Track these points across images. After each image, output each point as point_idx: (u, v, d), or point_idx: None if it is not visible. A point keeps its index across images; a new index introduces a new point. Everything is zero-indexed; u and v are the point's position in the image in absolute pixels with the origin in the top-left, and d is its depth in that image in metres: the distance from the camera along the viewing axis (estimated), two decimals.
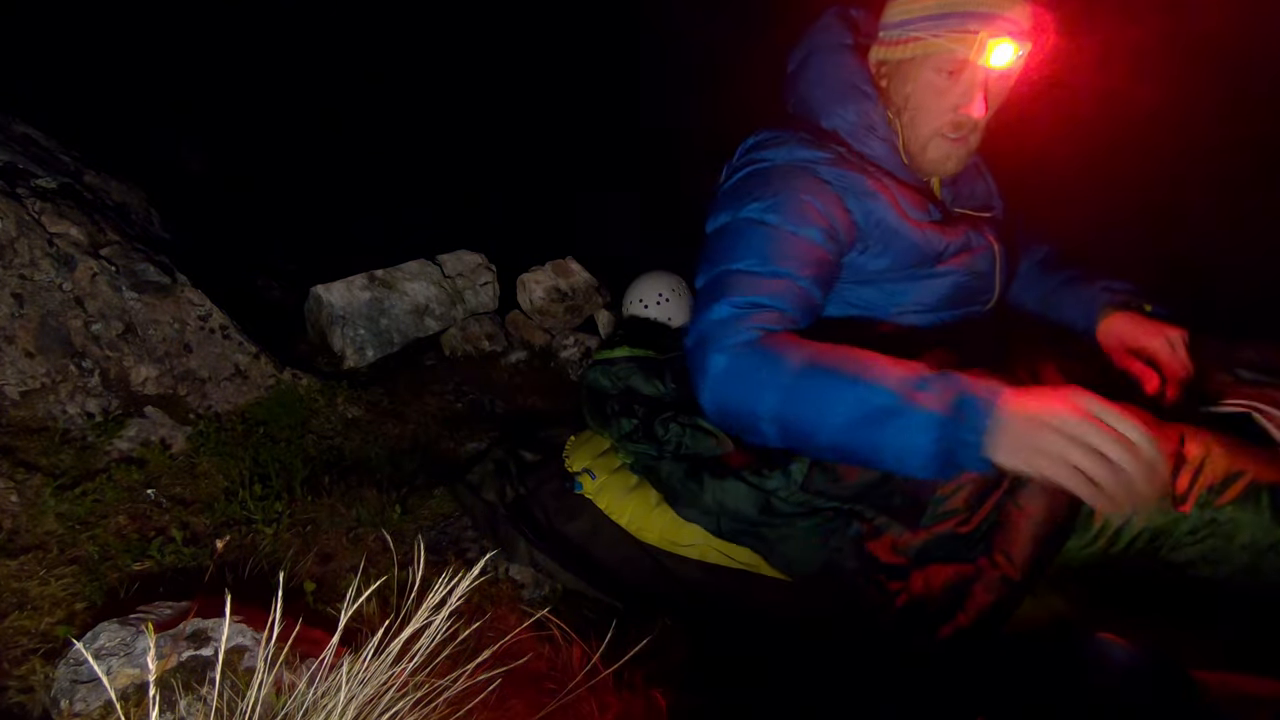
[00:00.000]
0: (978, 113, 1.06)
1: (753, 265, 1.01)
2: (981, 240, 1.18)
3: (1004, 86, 1.08)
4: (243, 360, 1.65)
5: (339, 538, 1.25)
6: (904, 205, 1.10)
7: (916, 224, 1.10)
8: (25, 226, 1.42)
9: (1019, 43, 1.02)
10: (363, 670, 0.68)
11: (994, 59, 1.02)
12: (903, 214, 1.09)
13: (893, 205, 1.09)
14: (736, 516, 1.07)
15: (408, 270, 2.17)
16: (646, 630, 1.00)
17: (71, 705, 0.75)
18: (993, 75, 1.05)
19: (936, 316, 1.17)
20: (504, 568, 1.18)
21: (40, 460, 1.27)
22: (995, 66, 1.03)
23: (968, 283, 1.16)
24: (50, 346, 1.40)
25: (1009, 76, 1.07)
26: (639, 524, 1.21)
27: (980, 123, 1.09)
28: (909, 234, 1.09)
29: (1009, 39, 1.01)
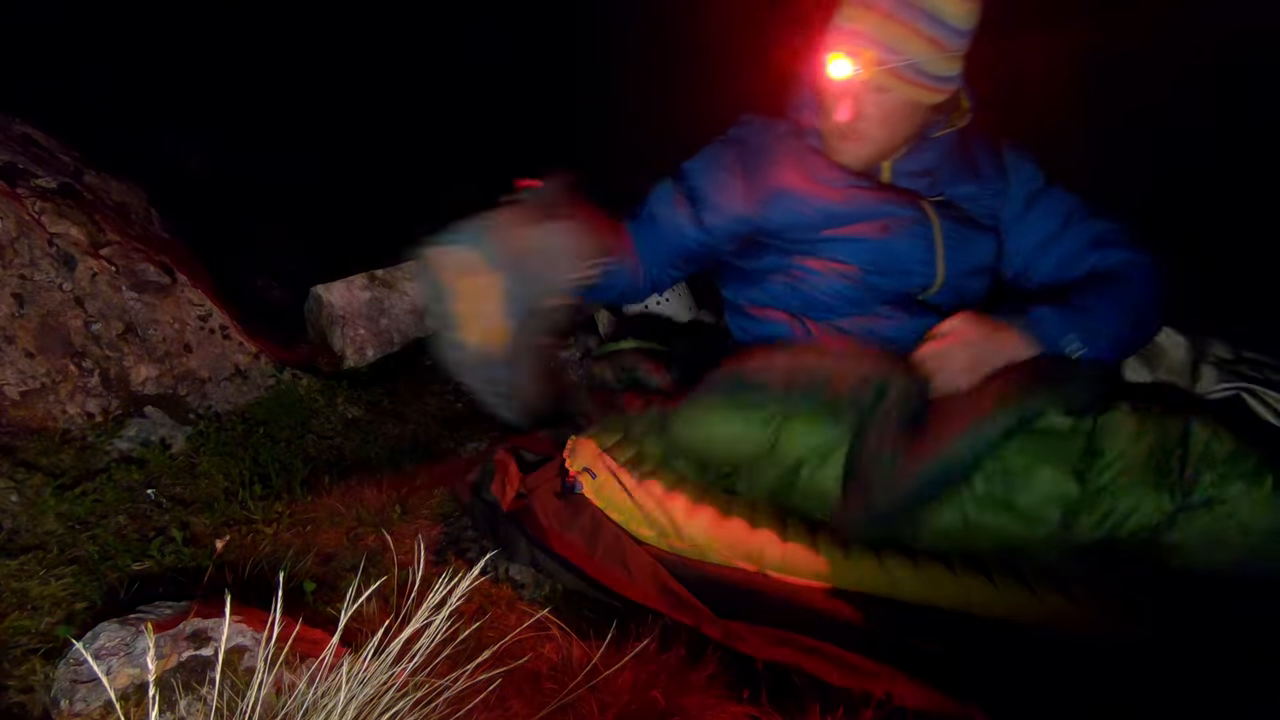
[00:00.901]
0: (841, 119, 1.18)
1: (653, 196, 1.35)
2: (911, 214, 1.23)
3: (875, 97, 1.16)
4: (243, 360, 1.66)
5: (339, 538, 1.25)
6: (816, 174, 1.25)
7: (825, 190, 1.24)
8: (25, 226, 1.42)
9: (854, 57, 1.11)
10: (363, 670, 0.68)
11: (832, 70, 1.14)
12: (811, 181, 1.24)
13: (802, 176, 1.25)
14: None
15: (408, 270, 2.17)
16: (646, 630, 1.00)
17: (71, 705, 0.75)
18: (851, 85, 1.15)
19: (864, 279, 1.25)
20: (504, 568, 1.18)
21: (40, 460, 1.27)
22: (835, 78, 1.15)
23: (883, 251, 1.24)
24: (50, 346, 1.40)
25: (874, 87, 1.14)
26: (636, 523, 1.21)
27: (851, 126, 1.19)
28: (810, 197, 1.24)
29: (842, 54, 1.12)
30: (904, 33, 1.09)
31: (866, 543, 1.17)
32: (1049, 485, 1.05)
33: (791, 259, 1.30)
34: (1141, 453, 1.02)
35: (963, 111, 1.26)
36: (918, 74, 1.12)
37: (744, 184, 1.29)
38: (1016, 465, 1.06)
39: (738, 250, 1.35)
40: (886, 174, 1.28)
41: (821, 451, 1.13)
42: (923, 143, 1.25)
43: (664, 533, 1.20)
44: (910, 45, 1.09)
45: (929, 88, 1.14)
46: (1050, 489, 1.05)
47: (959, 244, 1.26)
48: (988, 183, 1.29)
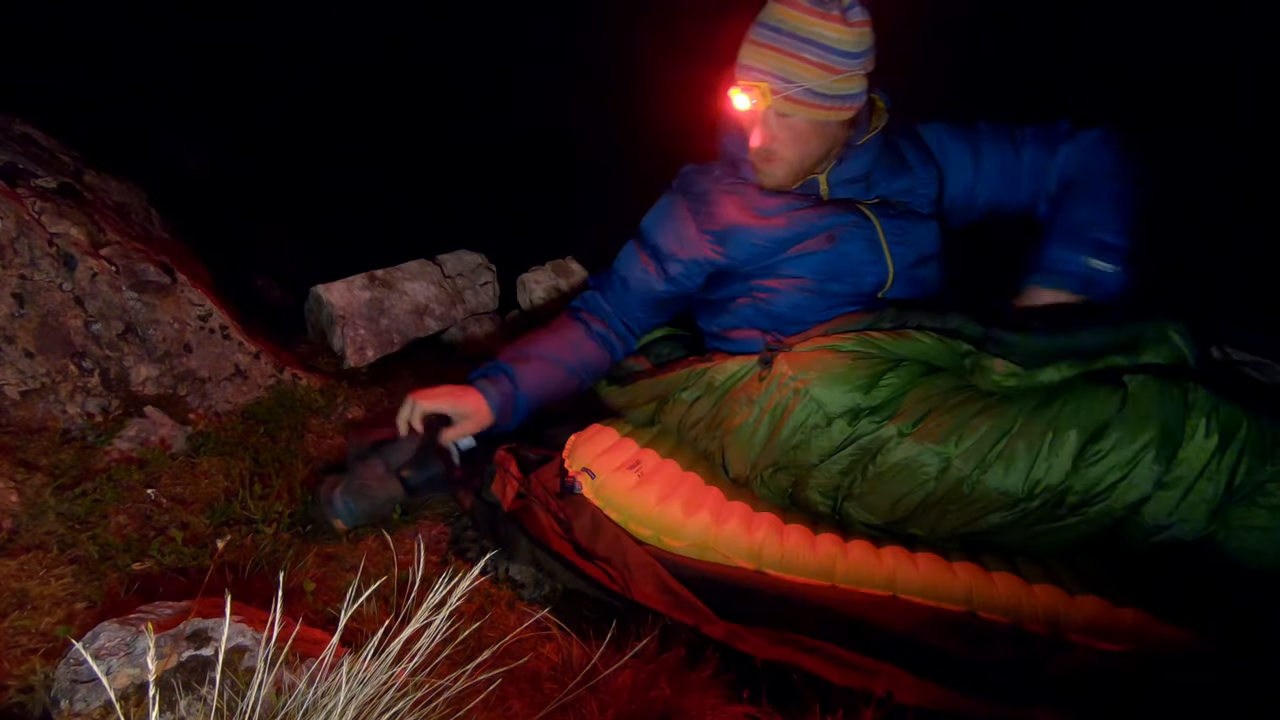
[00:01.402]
0: (754, 144, 1.30)
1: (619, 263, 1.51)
2: (851, 219, 1.34)
3: (780, 121, 1.27)
4: (243, 360, 1.65)
5: (339, 537, 1.25)
6: (755, 208, 1.37)
7: (766, 220, 1.35)
8: (25, 226, 1.42)
9: (749, 91, 1.23)
10: (363, 670, 0.68)
11: (736, 103, 1.26)
12: (752, 216, 1.36)
13: (743, 212, 1.37)
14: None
15: (408, 270, 2.17)
16: (646, 630, 1.00)
17: (71, 705, 0.75)
18: (755, 114, 1.27)
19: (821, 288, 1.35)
20: (504, 568, 1.18)
21: (40, 460, 1.27)
22: (740, 109, 1.27)
23: (834, 260, 1.34)
24: (50, 346, 1.40)
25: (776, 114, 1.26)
26: (635, 523, 1.22)
27: (766, 151, 1.30)
28: (757, 230, 1.36)
29: (739, 89, 1.24)
30: (792, 62, 1.20)
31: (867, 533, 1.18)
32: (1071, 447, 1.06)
33: (752, 283, 1.40)
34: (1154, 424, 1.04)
35: (879, 114, 1.37)
36: (814, 96, 1.22)
37: (696, 231, 1.41)
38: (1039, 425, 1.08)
39: (704, 286, 1.48)
40: (824, 186, 1.38)
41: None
42: (850, 151, 1.35)
43: (662, 532, 1.20)
44: (800, 72, 1.20)
45: (829, 108, 1.24)
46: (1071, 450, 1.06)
47: (901, 238, 1.35)
48: (919, 170, 1.40)
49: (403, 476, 1.31)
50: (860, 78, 1.24)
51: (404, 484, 1.31)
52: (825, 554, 1.14)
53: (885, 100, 1.37)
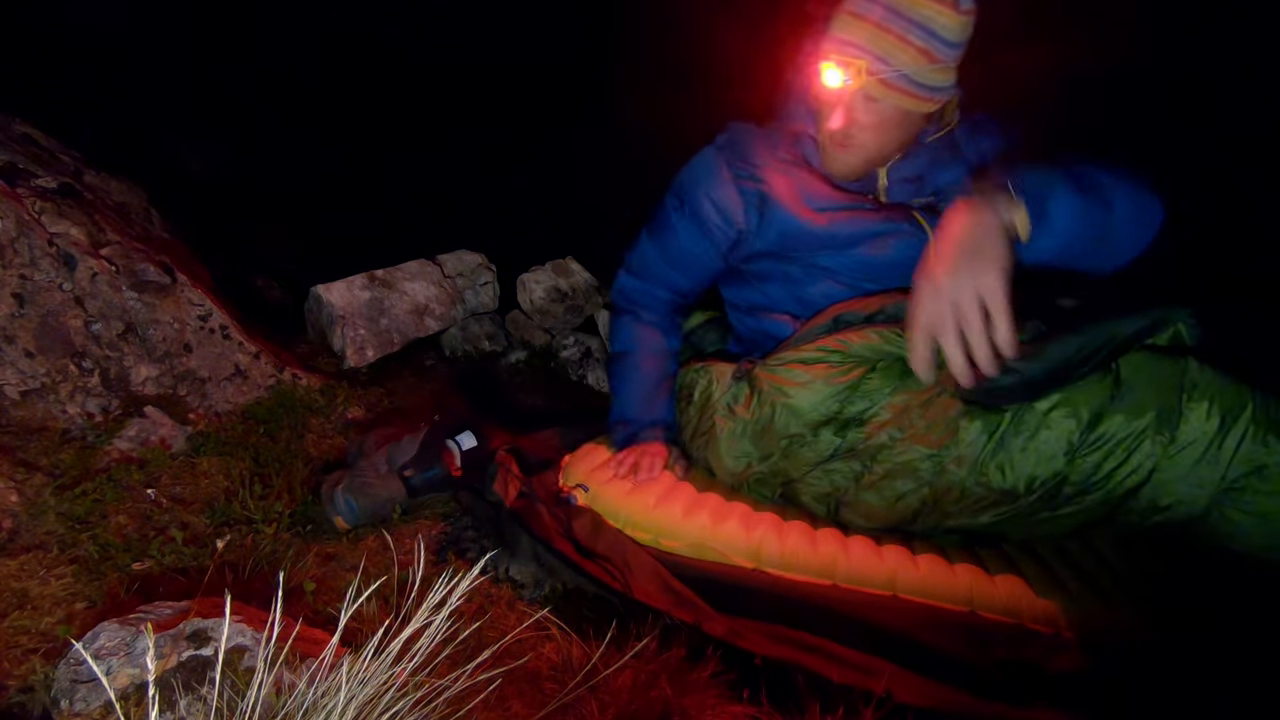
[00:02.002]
0: (834, 127, 1.20)
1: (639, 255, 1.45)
2: (906, 228, 1.25)
3: (868, 105, 1.17)
4: (243, 360, 1.66)
5: (339, 537, 1.25)
6: (805, 196, 1.27)
7: (811, 213, 1.26)
8: (25, 226, 1.42)
9: (845, 67, 1.13)
10: (363, 670, 0.68)
11: (826, 79, 1.16)
12: (800, 204, 1.27)
13: (793, 195, 1.27)
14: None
15: (408, 270, 2.17)
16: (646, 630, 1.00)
17: (71, 705, 0.75)
18: (844, 94, 1.17)
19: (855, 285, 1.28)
20: (504, 567, 1.18)
21: (40, 460, 1.27)
22: (829, 86, 1.17)
23: (880, 266, 1.26)
24: (50, 346, 1.40)
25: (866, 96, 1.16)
26: (633, 526, 1.22)
27: (845, 134, 1.20)
28: (804, 221, 1.26)
29: (834, 63, 1.14)
30: (895, 43, 1.10)
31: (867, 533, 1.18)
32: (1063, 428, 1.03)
33: (787, 265, 1.33)
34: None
35: (953, 109, 1.27)
36: (909, 83, 1.13)
37: (736, 196, 1.31)
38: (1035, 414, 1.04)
39: (740, 258, 1.39)
40: (883, 180, 1.29)
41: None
42: (916, 148, 1.26)
43: (660, 534, 1.20)
44: (901, 55, 1.10)
45: (920, 97, 1.15)
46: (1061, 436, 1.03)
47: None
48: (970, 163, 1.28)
49: (404, 476, 1.31)
50: (953, 70, 1.15)
51: (405, 483, 1.31)
52: (826, 553, 1.14)
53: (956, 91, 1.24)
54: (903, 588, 1.08)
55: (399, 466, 1.33)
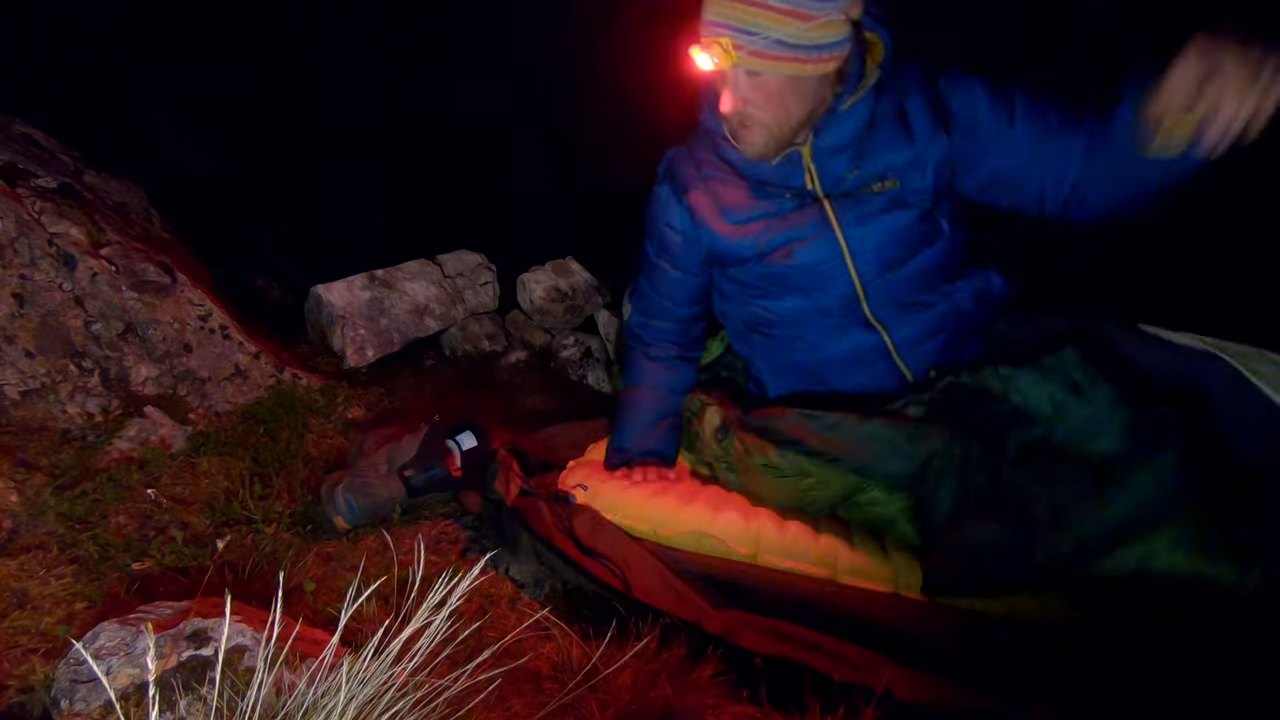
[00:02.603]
0: (725, 109, 1.15)
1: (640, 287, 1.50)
2: (811, 230, 1.21)
3: (751, 80, 1.11)
4: (243, 360, 1.66)
5: (339, 537, 1.25)
6: (721, 209, 1.29)
7: (727, 228, 1.28)
8: (25, 226, 1.42)
9: (709, 48, 1.08)
10: (363, 670, 0.68)
11: (698, 64, 1.12)
12: (716, 220, 1.29)
13: (710, 211, 1.30)
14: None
15: (408, 270, 2.17)
16: (646, 630, 1.00)
17: (71, 705, 0.75)
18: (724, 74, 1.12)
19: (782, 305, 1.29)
20: (504, 567, 1.18)
21: (40, 460, 1.27)
22: (705, 70, 1.12)
23: (792, 275, 1.25)
24: (50, 346, 1.40)
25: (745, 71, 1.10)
26: (631, 519, 1.22)
27: (740, 115, 1.15)
28: (716, 237, 1.29)
29: (699, 47, 1.10)
30: (758, 12, 1.04)
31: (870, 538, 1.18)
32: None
33: (729, 280, 1.37)
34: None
35: (875, 61, 1.18)
36: (784, 48, 1.06)
37: (686, 218, 1.35)
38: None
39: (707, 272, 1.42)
40: (807, 160, 1.21)
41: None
42: (834, 116, 1.17)
43: (658, 525, 1.20)
44: (766, 22, 1.04)
45: (803, 60, 1.07)
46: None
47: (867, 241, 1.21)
48: (926, 138, 1.19)
49: (405, 476, 1.31)
50: (841, 24, 1.06)
51: (406, 483, 1.31)
52: (827, 544, 1.14)
53: (886, 40, 1.15)
54: (904, 585, 1.08)
55: (399, 466, 1.33)
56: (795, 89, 1.11)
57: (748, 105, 1.14)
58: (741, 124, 1.17)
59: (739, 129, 1.19)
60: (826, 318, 1.26)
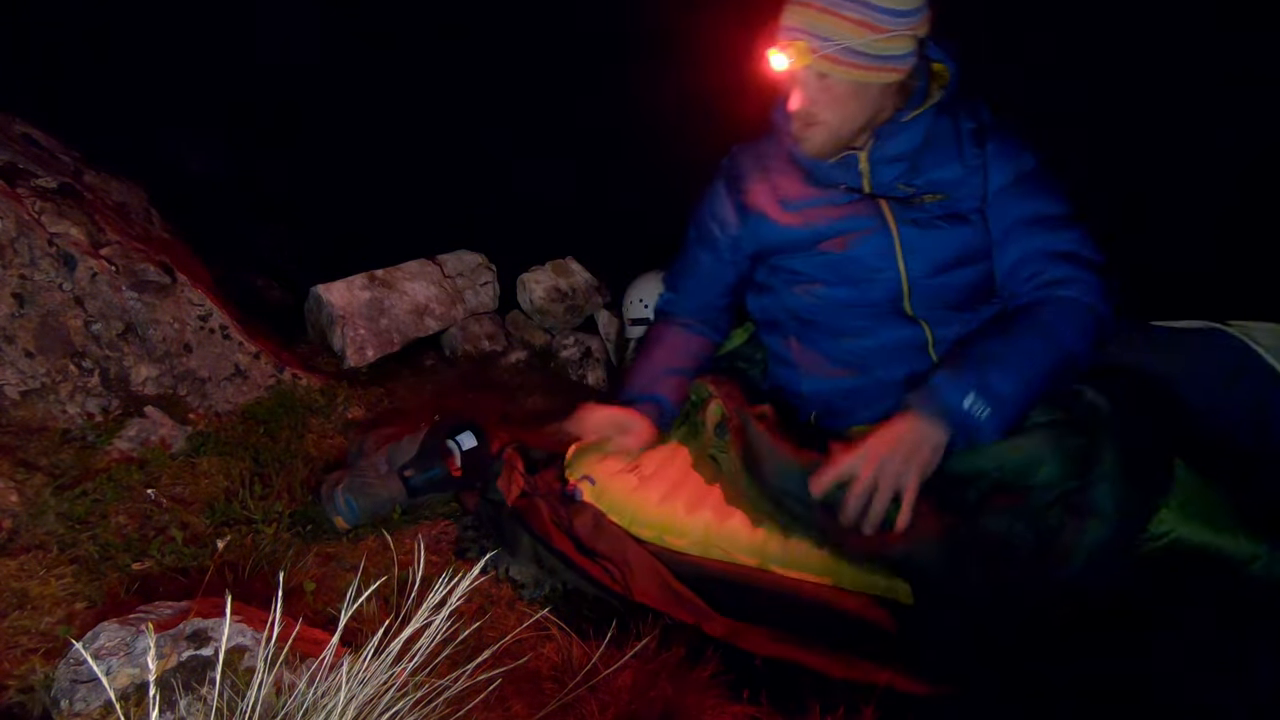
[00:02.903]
0: (792, 107, 1.26)
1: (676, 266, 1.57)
2: (869, 224, 1.28)
3: (820, 82, 1.22)
4: (243, 360, 1.66)
5: (339, 537, 1.25)
6: (780, 199, 1.36)
7: (785, 215, 1.35)
8: (25, 226, 1.42)
9: (785, 49, 1.20)
10: (363, 670, 0.68)
11: (773, 64, 1.23)
12: (776, 209, 1.36)
13: (769, 201, 1.37)
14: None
15: (408, 270, 2.17)
16: (647, 630, 1.00)
17: (71, 705, 0.75)
18: (795, 75, 1.23)
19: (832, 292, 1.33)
20: (504, 568, 1.18)
21: (40, 460, 1.27)
22: (777, 69, 1.23)
23: (842, 263, 1.30)
24: (50, 346, 1.41)
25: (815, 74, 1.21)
26: (638, 524, 1.21)
27: (805, 114, 1.25)
28: (773, 225, 1.36)
29: (776, 48, 1.21)
30: (832, 19, 1.16)
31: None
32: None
33: (773, 275, 1.41)
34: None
35: (939, 84, 1.28)
36: (855, 55, 1.17)
37: (732, 212, 1.43)
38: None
39: (743, 265, 1.48)
40: (863, 164, 1.31)
41: None
42: (894, 127, 1.27)
43: (664, 531, 1.20)
44: (840, 30, 1.16)
45: (870, 68, 1.18)
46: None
47: (922, 246, 1.27)
48: (971, 162, 1.28)
49: (405, 476, 1.31)
50: (907, 38, 1.17)
51: (406, 484, 1.31)
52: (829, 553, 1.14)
53: (952, 69, 1.27)
54: (905, 594, 1.08)
55: (399, 467, 1.33)
56: (859, 94, 1.22)
57: (814, 105, 1.24)
58: (806, 122, 1.27)
59: (803, 127, 1.28)
60: (872, 309, 1.31)
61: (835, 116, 1.24)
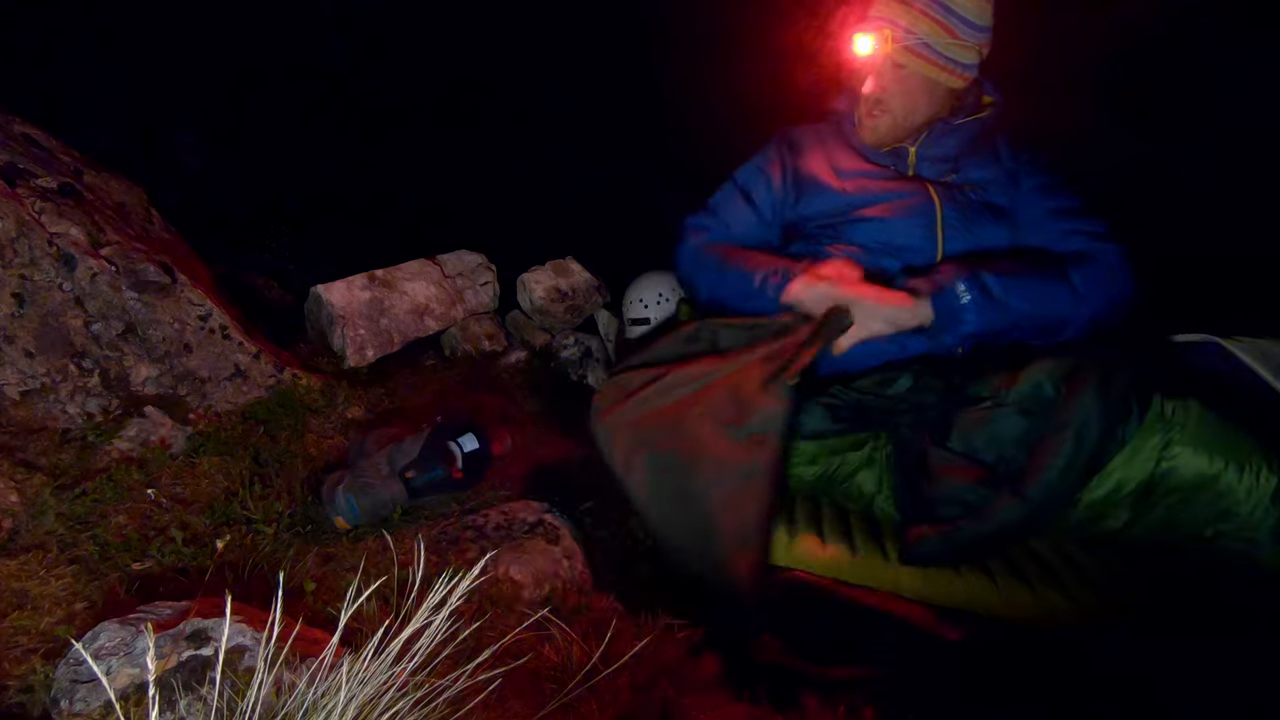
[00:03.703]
0: (868, 90, 1.38)
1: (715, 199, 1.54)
2: (915, 196, 1.36)
3: (896, 72, 1.34)
4: (243, 360, 1.66)
5: (339, 538, 1.25)
6: (836, 167, 1.43)
7: (837, 180, 1.41)
8: (25, 226, 1.42)
9: (873, 33, 1.31)
10: (363, 670, 0.68)
11: (858, 48, 1.35)
12: (831, 174, 1.42)
13: (824, 167, 1.43)
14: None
15: (408, 270, 2.17)
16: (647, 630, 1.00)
17: (71, 705, 0.75)
18: (874, 61, 1.34)
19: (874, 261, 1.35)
20: (504, 568, 1.18)
21: (40, 460, 1.27)
22: (860, 54, 1.35)
23: (884, 231, 1.36)
24: (50, 346, 1.40)
25: (894, 62, 1.33)
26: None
27: (875, 99, 1.37)
28: (830, 187, 1.41)
29: (862, 31, 1.33)
30: (918, 15, 1.29)
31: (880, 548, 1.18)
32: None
33: (815, 244, 1.43)
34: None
35: (985, 105, 1.42)
36: (932, 53, 1.31)
37: (781, 176, 1.48)
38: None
39: (783, 238, 1.50)
40: (912, 158, 1.42)
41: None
42: (944, 128, 1.40)
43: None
44: (923, 26, 1.29)
45: (943, 68, 1.32)
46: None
47: (962, 225, 1.35)
48: (1007, 165, 1.41)
49: (406, 477, 1.31)
50: (975, 50, 1.32)
51: (407, 485, 1.31)
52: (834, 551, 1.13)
53: (998, 99, 1.43)
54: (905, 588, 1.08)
55: (401, 467, 1.33)
56: (928, 90, 1.35)
57: (886, 92, 1.37)
58: (874, 107, 1.39)
59: (871, 112, 1.40)
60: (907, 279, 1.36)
61: (903, 107, 1.37)
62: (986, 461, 1.09)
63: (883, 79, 1.36)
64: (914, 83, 1.35)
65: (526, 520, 1.30)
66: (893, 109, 1.38)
